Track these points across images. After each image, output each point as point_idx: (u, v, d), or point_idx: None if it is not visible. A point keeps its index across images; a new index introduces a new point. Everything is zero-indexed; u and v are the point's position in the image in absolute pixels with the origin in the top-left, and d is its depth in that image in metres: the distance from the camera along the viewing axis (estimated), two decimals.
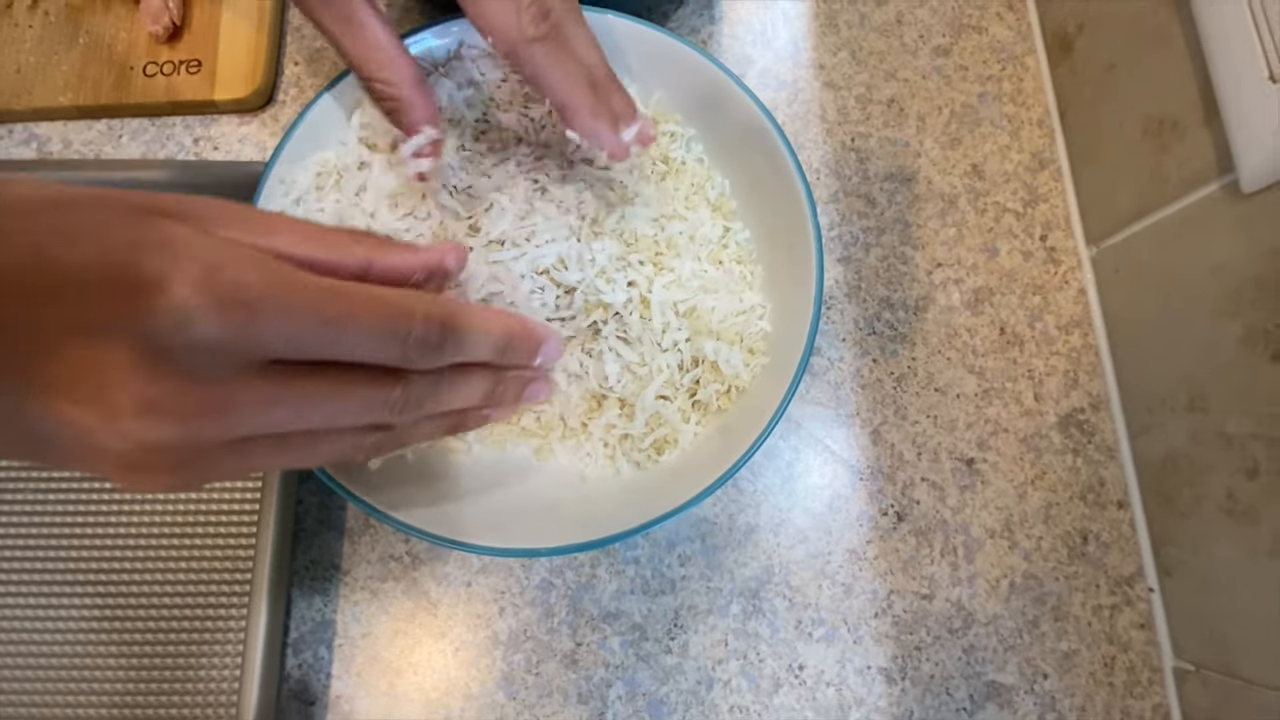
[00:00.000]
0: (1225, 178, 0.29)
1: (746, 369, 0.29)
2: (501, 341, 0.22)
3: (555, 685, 0.32)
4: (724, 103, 0.30)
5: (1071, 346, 0.36)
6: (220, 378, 0.16)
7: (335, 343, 0.17)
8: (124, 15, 0.38)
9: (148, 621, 0.32)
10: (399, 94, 0.26)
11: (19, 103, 0.37)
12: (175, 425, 0.16)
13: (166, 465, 0.17)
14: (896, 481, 0.35)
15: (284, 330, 0.16)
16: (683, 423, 0.29)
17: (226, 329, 0.15)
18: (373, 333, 0.18)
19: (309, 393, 0.18)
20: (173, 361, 0.15)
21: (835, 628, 0.33)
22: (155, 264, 0.15)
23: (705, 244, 0.30)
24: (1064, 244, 0.38)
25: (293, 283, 0.17)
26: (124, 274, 0.15)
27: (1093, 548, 0.34)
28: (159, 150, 0.37)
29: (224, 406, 0.16)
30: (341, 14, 0.24)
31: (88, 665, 0.31)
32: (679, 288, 0.29)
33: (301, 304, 0.17)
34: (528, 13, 0.23)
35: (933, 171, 0.39)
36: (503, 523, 0.27)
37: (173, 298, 0.15)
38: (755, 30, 0.41)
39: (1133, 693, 0.33)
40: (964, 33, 0.41)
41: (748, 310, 0.30)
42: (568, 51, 0.25)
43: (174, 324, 0.15)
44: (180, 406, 0.16)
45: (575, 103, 0.25)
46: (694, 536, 0.34)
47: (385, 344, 0.18)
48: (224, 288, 0.15)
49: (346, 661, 0.32)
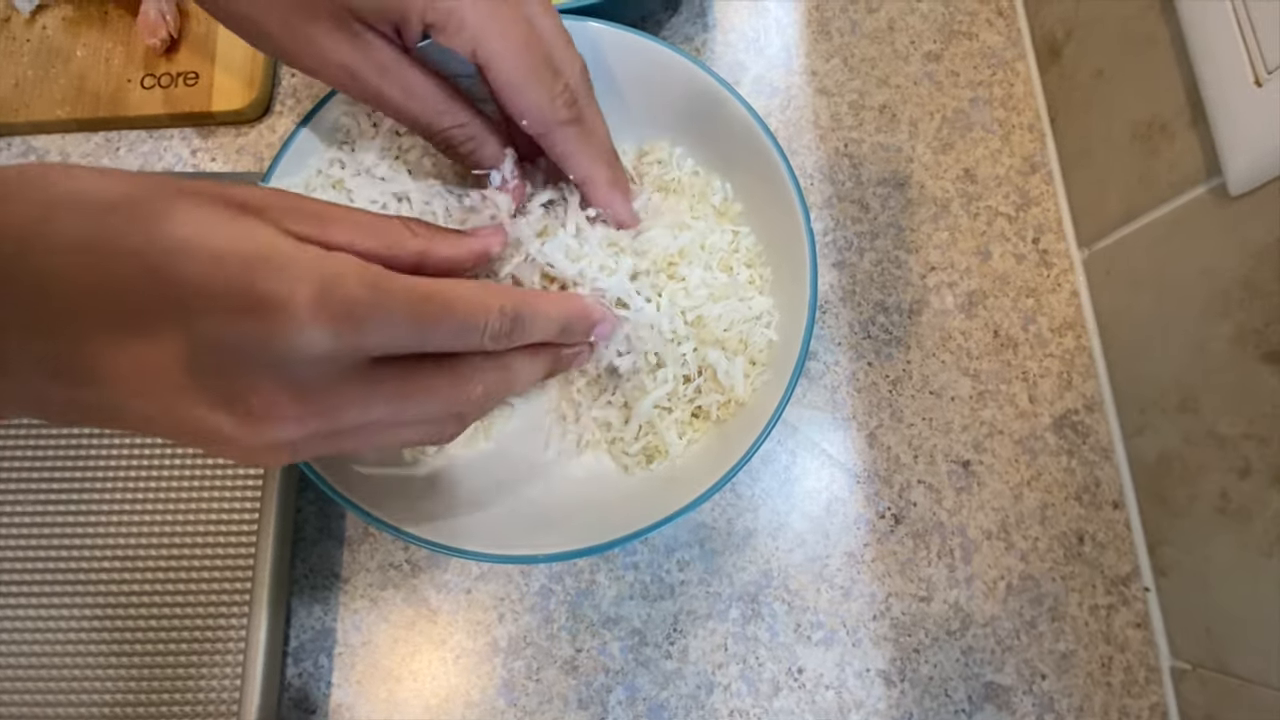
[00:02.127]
0: (1213, 180, 0.29)
1: (746, 380, 0.29)
2: (563, 323, 0.24)
3: (555, 691, 0.32)
4: (718, 111, 0.30)
5: (1065, 348, 0.37)
6: (329, 384, 0.18)
7: (425, 342, 0.20)
8: (121, 28, 0.38)
9: (148, 631, 0.32)
10: (476, 131, 0.26)
11: (17, 116, 0.37)
12: (294, 428, 0.18)
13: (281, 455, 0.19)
14: (893, 484, 0.35)
15: (385, 336, 0.18)
16: (676, 438, 0.29)
17: (339, 343, 0.17)
18: (457, 330, 0.20)
19: (404, 392, 0.20)
20: (293, 372, 0.17)
21: (834, 631, 0.33)
22: (273, 286, 0.17)
23: (715, 251, 0.30)
24: (1056, 247, 0.38)
25: (391, 290, 0.18)
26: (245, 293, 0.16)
27: (1089, 548, 0.34)
28: (157, 162, 0.38)
29: (334, 408, 0.19)
30: (399, 82, 0.25)
31: (87, 675, 0.31)
32: (686, 296, 0.29)
33: (401, 312, 0.19)
34: (560, 99, 0.25)
35: (925, 176, 0.39)
36: (501, 530, 0.28)
37: (293, 319, 0.17)
38: (748, 38, 0.41)
39: (1130, 692, 0.33)
40: (954, 39, 0.41)
41: (756, 317, 0.30)
42: (590, 131, 0.27)
43: (296, 347, 0.17)
44: (300, 412, 0.18)
45: (597, 178, 0.27)
46: (692, 541, 0.34)
47: (465, 337, 0.21)
48: (336, 306, 0.17)
49: (347, 670, 0.32)
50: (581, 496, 0.30)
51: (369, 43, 0.24)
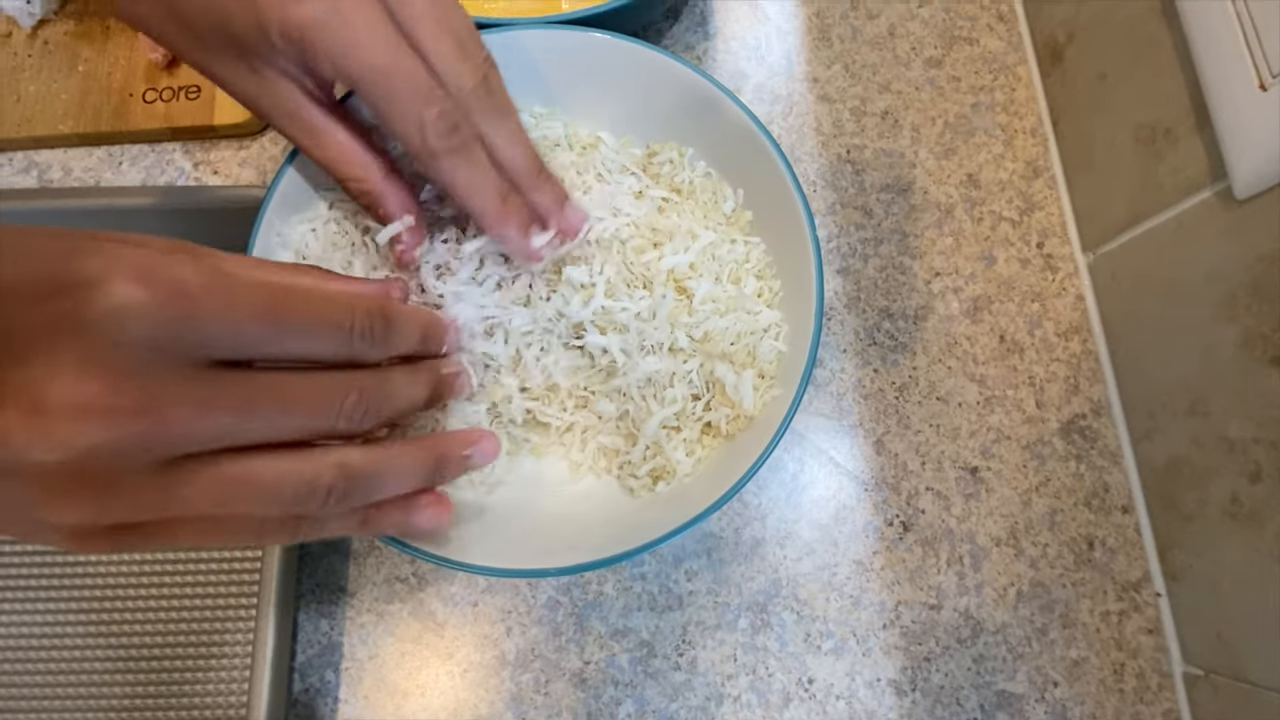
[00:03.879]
0: (1218, 184, 0.29)
1: (756, 394, 0.28)
2: (423, 330, 0.23)
3: (564, 705, 0.32)
4: (720, 119, 0.30)
5: (1071, 353, 0.37)
6: (156, 377, 0.15)
7: (278, 339, 0.17)
8: (123, 43, 0.38)
9: (155, 645, 0.32)
10: (372, 188, 0.25)
11: (19, 131, 0.37)
12: (103, 425, 0.14)
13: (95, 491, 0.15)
14: (901, 491, 0.35)
15: (224, 324, 0.16)
16: (684, 456, 0.29)
17: (163, 322, 0.15)
18: (316, 325, 0.18)
19: (253, 394, 0.16)
20: (108, 359, 0.14)
21: (844, 640, 0.33)
22: (92, 264, 0.14)
23: (726, 263, 0.30)
24: (1061, 251, 0.38)
25: (233, 280, 0.16)
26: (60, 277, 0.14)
27: (1099, 553, 0.34)
28: (159, 176, 0.38)
29: (158, 406, 0.15)
30: (305, 127, 0.24)
31: (94, 689, 0.31)
32: (690, 313, 0.28)
33: (243, 299, 0.16)
34: (433, 129, 0.23)
35: (928, 181, 0.39)
36: (508, 543, 0.27)
37: (109, 291, 0.14)
38: (750, 46, 0.41)
39: (1143, 699, 0.33)
40: (955, 44, 0.41)
41: (764, 329, 0.29)
42: (474, 161, 0.24)
43: (109, 315, 0.14)
44: (112, 404, 0.14)
45: (479, 210, 0.25)
46: (700, 551, 0.34)
47: (330, 338, 0.18)
48: (162, 282, 0.15)
49: (354, 684, 0.32)
50: (588, 510, 0.29)
51: (268, 79, 0.23)
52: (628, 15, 0.34)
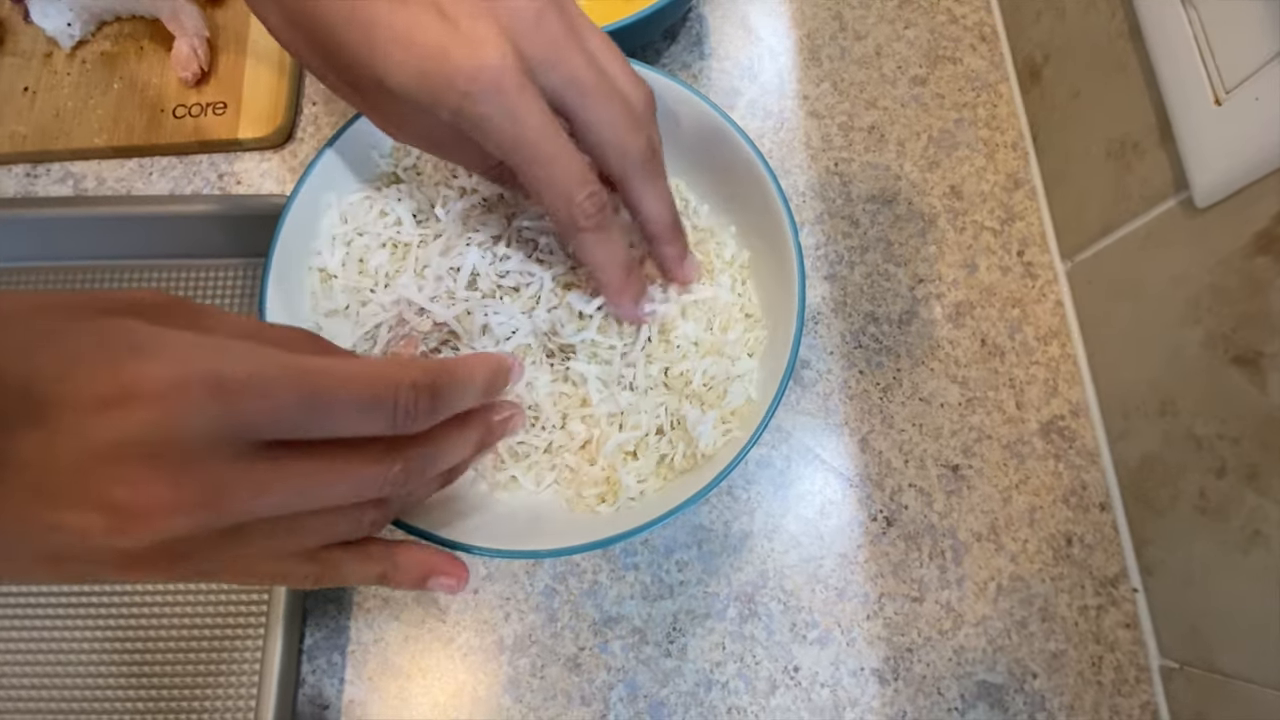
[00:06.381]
0: (1181, 194, 0.31)
1: (716, 433, 0.29)
2: (485, 383, 0.23)
3: (559, 688, 0.33)
4: (713, 136, 0.32)
5: (1050, 356, 0.38)
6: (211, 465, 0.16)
7: (323, 420, 0.18)
8: (156, 63, 0.41)
9: (172, 630, 0.33)
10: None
11: (57, 144, 0.40)
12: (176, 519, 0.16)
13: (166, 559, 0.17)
14: (885, 488, 0.36)
15: (267, 410, 0.17)
16: (635, 482, 0.29)
17: (208, 417, 0.16)
18: (359, 406, 0.18)
19: (305, 471, 0.18)
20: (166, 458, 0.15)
21: (829, 630, 0.34)
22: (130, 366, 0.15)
23: (718, 312, 0.30)
24: (1040, 259, 0.40)
25: (272, 362, 0.17)
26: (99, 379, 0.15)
27: (1077, 549, 0.35)
28: (186, 185, 0.40)
29: (217, 494, 0.16)
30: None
31: (108, 673, 0.33)
32: (667, 351, 0.29)
33: (282, 382, 0.17)
34: (580, 209, 0.24)
35: (913, 193, 0.41)
36: (505, 527, 0.29)
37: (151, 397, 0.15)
38: (743, 65, 0.43)
39: (1121, 691, 0.34)
40: (940, 63, 0.43)
41: (740, 376, 0.30)
42: (611, 239, 0.26)
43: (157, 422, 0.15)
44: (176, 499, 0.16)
45: (605, 281, 0.27)
46: (691, 543, 0.35)
47: (374, 417, 0.18)
48: (201, 377, 0.16)
49: (359, 667, 0.33)
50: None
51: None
52: (626, 35, 0.36)
